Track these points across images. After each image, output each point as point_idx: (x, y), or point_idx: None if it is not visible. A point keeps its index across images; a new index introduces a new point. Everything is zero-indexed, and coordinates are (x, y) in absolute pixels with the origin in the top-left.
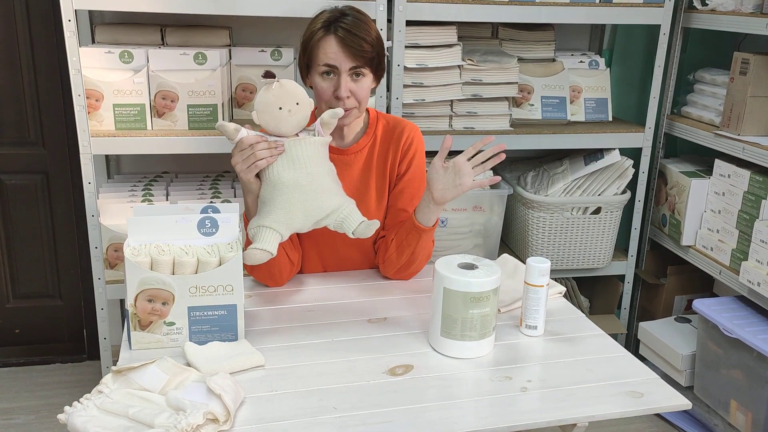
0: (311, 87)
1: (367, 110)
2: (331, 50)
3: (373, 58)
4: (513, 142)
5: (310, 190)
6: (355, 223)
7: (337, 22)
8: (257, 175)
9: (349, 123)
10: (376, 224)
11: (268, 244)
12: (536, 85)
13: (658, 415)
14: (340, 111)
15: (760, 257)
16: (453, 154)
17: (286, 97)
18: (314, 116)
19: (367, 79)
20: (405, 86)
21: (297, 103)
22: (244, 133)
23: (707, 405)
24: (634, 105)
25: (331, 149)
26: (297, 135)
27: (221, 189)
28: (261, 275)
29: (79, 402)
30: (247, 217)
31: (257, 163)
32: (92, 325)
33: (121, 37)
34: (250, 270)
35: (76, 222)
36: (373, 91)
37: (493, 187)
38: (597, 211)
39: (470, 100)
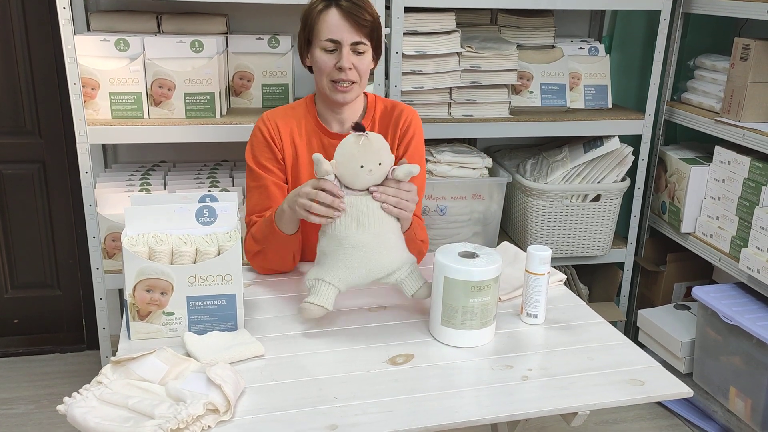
0: (310, 66)
1: (365, 94)
2: (333, 22)
3: (373, 32)
4: (512, 129)
5: (375, 250)
6: (416, 286)
7: None
8: None
9: (350, 100)
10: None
11: (325, 300)
12: (535, 72)
13: (657, 402)
14: (417, 168)
15: (760, 244)
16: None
17: (370, 156)
18: (313, 102)
19: (368, 55)
20: (403, 73)
21: (379, 164)
22: (331, 178)
23: (706, 392)
24: (633, 92)
25: (330, 134)
26: (368, 190)
27: (219, 178)
28: (266, 267)
29: (78, 393)
30: (275, 223)
31: (310, 216)
32: (91, 315)
33: (117, 24)
34: (250, 258)
35: (73, 212)
36: (371, 78)
37: (492, 174)
38: (596, 198)
39: (469, 88)
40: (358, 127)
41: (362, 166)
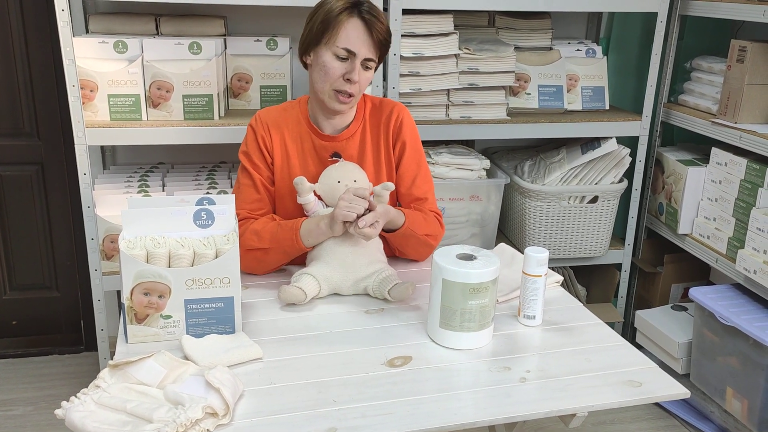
0: (308, 65)
1: None
2: (354, 33)
3: (384, 50)
4: (510, 131)
5: (353, 252)
6: (391, 284)
7: (359, 5)
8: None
9: (347, 111)
10: (411, 285)
11: (305, 286)
12: (533, 74)
13: (655, 403)
14: (390, 185)
15: (756, 245)
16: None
17: (346, 173)
18: (307, 104)
19: (372, 71)
20: (401, 75)
21: (354, 181)
22: (312, 198)
23: (703, 392)
24: (631, 93)
25: (322, 136)
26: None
27: (217, 180)
28: (258, 266)
29: (76, 397)
30: (300, 238)
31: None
32: (89, 316)
33: (115, 26)
34: (243, 252)
35: (71, 213)
36: None
37: (490, 176)
38: (594, 199)
39: (467, 89)
40: (335, 155)
41: (339, 182)
